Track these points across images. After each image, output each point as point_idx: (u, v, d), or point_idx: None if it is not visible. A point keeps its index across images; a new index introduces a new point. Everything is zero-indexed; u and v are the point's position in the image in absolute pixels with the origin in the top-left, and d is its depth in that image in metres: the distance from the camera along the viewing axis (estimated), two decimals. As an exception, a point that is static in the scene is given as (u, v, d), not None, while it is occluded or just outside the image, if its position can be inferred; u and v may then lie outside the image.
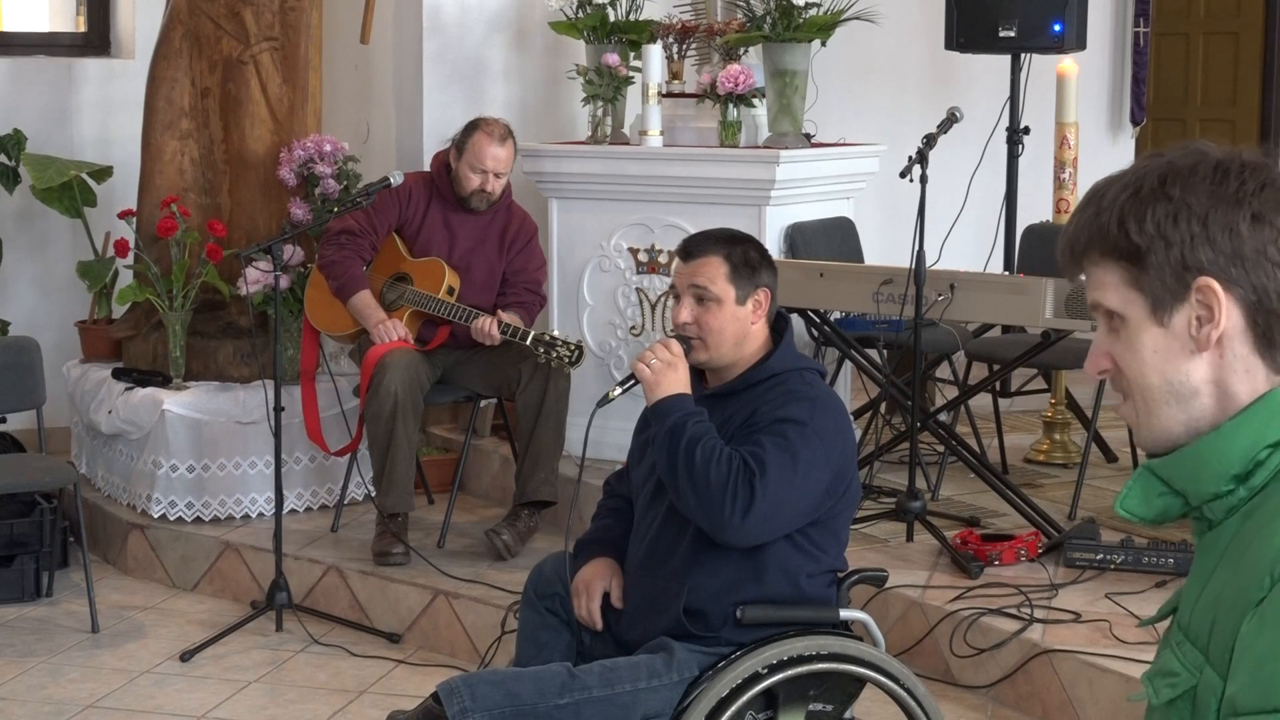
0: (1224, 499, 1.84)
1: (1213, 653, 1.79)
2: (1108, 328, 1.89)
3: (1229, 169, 1.82)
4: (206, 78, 6.75)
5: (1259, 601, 1.72)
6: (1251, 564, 1.75)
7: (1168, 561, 5.25)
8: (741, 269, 3.76)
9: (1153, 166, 1.85)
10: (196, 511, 6.36)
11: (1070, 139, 6.79)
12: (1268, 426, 1.81)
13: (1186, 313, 1.82)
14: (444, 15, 7.16)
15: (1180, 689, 1.83)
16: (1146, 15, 9.23)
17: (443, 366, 6.09)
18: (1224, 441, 1.82)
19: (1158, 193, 1.82)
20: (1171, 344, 1.84)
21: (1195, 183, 1.82)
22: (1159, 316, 1.83)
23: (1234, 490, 1.83)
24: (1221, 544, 1.84)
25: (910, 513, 5.59)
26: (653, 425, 3.67)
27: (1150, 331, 1.84)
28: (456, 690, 3.48)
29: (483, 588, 5.63)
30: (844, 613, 3.71)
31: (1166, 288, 1.82)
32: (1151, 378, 1.85)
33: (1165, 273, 1.82)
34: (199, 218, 6.62)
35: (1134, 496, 1.92)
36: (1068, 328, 5.47)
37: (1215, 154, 1.84)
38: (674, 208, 6.35)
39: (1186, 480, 1.87)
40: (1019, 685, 4.84)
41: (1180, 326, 1.83)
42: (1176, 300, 1.82)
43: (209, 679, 5.33)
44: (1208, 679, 1.79)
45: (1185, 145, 1.87)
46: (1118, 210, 1.84)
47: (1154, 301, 1.83)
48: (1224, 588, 1.80)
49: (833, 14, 6.34)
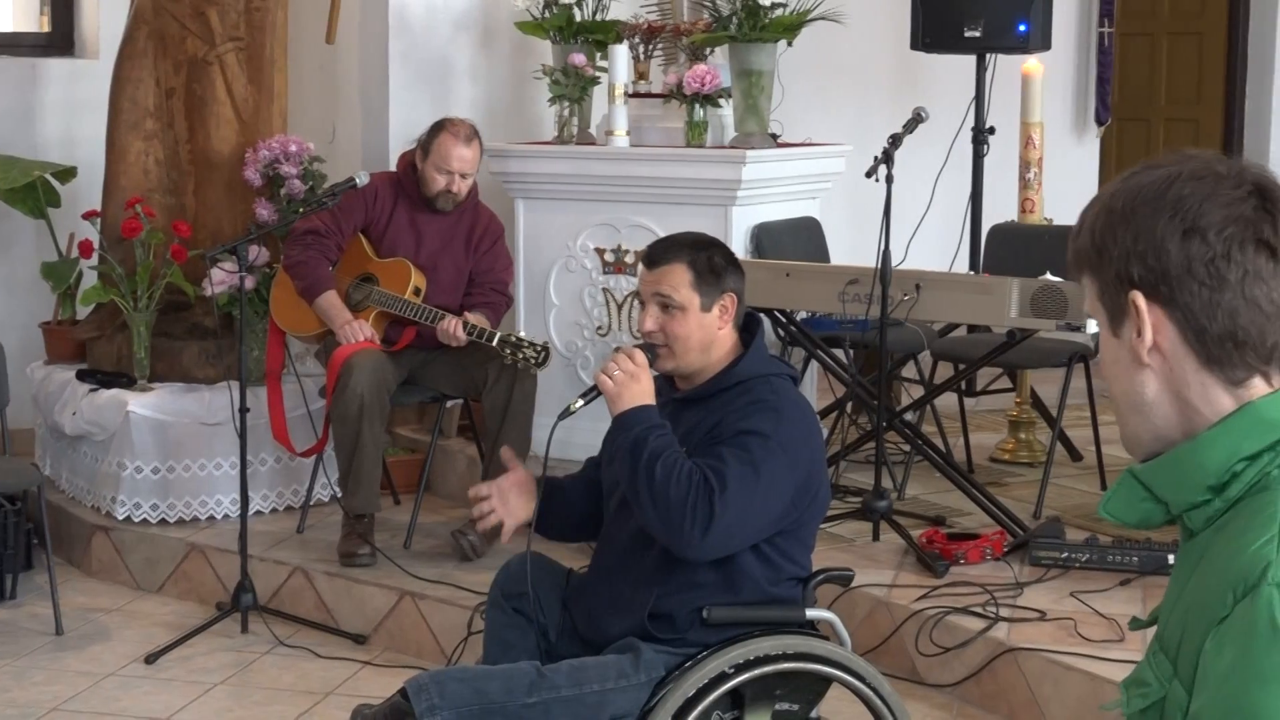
0: (1202, 509, 1.84)
1: (1180, 666, 1.79)
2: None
3: (1174, 181, 1.81)
4: (171, 78, 6.72)
5: (1222, 619, 1.71)
6: (1217, 580, 1.75)
7: (1132, 560, 5.27)
8: (706, 275, 3.74)
9: (1126, 178, 1.86)
10: (161, 513, 6.34)
11: (1035, 139, 6.81)
12: (1245, 439, 1.80)
13: (1130, 326, 1.83)
14: (410, 15, 7.15)
15: (1150, 699, 1.83)
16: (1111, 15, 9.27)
17: (409, 367, 6.08)
18: (1201, 451, 1.82)
19: (1111, 206, 1.84)
20: (1123, 356, 1.85)
21: (1147, 196, 1.82)
22: (1114, 328, 1.85)
23: (1210, 501, 1.83)
24: (1196, 555, 1.84)
25: (876, 512, 5.60)
26: (615, 438, 3.66)
27: (1109, 343, 1.86)
28: (424, 687, 3.47)
29: (449, 588, 5.62)
30: (810, 612, 3.71)
31: (1114, 301, 1.84)
32: (1115, 387, 1.88)
33: (1109, 285, 1.84)
34: (164, 218, 6.60)
35: (1117, 500, 1.92)
36: (1033, 327, 5.49)
37: (1180, 166, 1.83)
38: (640, 208, 6.35)
39: (1166, 487, 1.86)
40: (984, 684, 4.85)
41: (1127, 339, 1.84)
42: (1121, 313, 1.83)
43: (174, 681, 5.32)
44: (1175, 692, 1.79)
45: (1180, 155, 1.86)
46: (1089, 223, 1.86)
47: (1110, 314, 1.85)
48: (1194, 600, 1.80)
49: (798, 14, 6.35)
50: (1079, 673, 4.59)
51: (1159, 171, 1.84)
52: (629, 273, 6.36)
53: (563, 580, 3.91)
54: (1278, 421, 1.80)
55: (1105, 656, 4.59)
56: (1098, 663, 4.57)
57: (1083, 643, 4.73)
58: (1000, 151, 7.36)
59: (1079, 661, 4.62)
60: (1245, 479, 1.80)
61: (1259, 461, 1.80)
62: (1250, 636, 1.68)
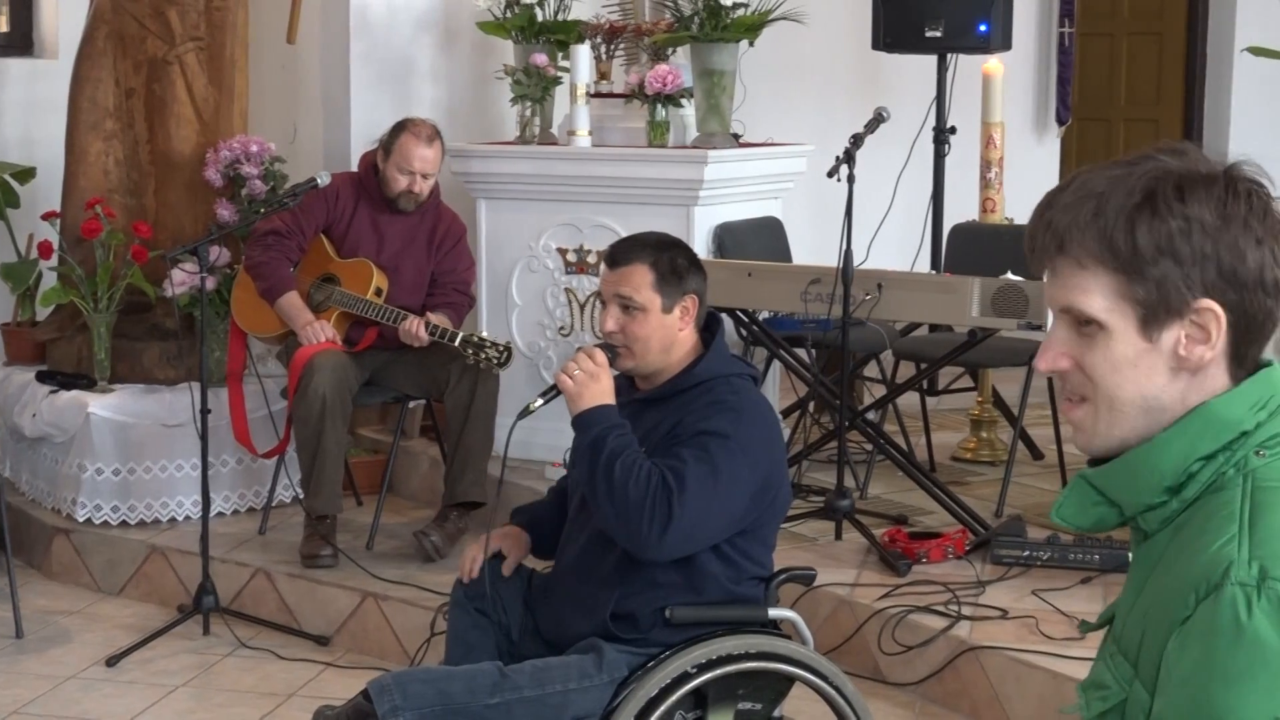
0: (1158, 510, 1.84)
1: (1141, 667, 1.79)
2: (1077, 331, 1.83)
3: (1238, 185, 1.78)
4: (131, 78, 6.69)
5: (1184, 620, 1.71)
6: (1178, 580, 1.75)
7: (1093, 558, 5.29)
8: (668, 276, 3.74)
9: (1160, 173, 1.79)
10: (122, 515, 6.31)
11: (996, 139, 6.83)
12: (1200, 439, 1.80)
13: (1177, 331, 1.78)
14: (371, 15, 7.13)
15: (1111, 702, 1.83)
16: (1071, 16, 9.31)
17: (371, 368, 6.07)
18: (1156, 453, 1.81)
19: (1172, 206, 1.76)
20: (1155, 360, 1.80)
21: (1207, 198, 1.77)
22: (1149, 332, 1.79)
23: (1167, 502, 1.82)
24: (1154, 556, 1.84)
25: (838, 511, 5.61)
26: (575, 438, 3.66)
27: (1135, 345, 1.80)
28: (387, 688, 3.47)
29: (412, 589, 5.61)
30: (772, 611, 3.72)
31: (1164, 304, 1.77)
32: (1127, 390, 1.81)
33: (1168, 289, 1.77)
34: (124, 219, 6.57)
35: (1070, 505, 1.91)
36: (994, 326, 5.50)
37: (1218, 166, 1.80)
38: (602, 208, 6.35)
39: (1120, 490, 1.86)
40: (947, 682, 4.86)
41: (1168, 344, 1.79)
42: (1171, 317, 1.78)
43: (136, 684, 5.29)
44: (1136, 693, 1.79)
45: (1179, 149, 1.82)
46: (1125, 218, 1.77)
47: (1146, 316, 1.78)
48: (1153, 602, 1.80)
49: (760, 14, 6.35)
50: (1041, 671, 4.60)
51: (1194, 166, 1.79)
52: (591, 273, 6.36)
53: (525, 581, 3.91)
54: (1232, 421, 1.80)
55: (1067, 654, 4.61)
56: (1059, 660, 4.59)
57: (1044, 641, 4.75)
58: (961, 151, 7.38)
59: (1041, 659, 4.63)
60: (1201, 479, 1.81)
61: (1214, 462, 1.80)
62: (1214, 636, 1.68)
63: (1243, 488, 1.78)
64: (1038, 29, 9.24)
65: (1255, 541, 1.72)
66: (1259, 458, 1.79)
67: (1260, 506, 1.75)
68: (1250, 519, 1.74)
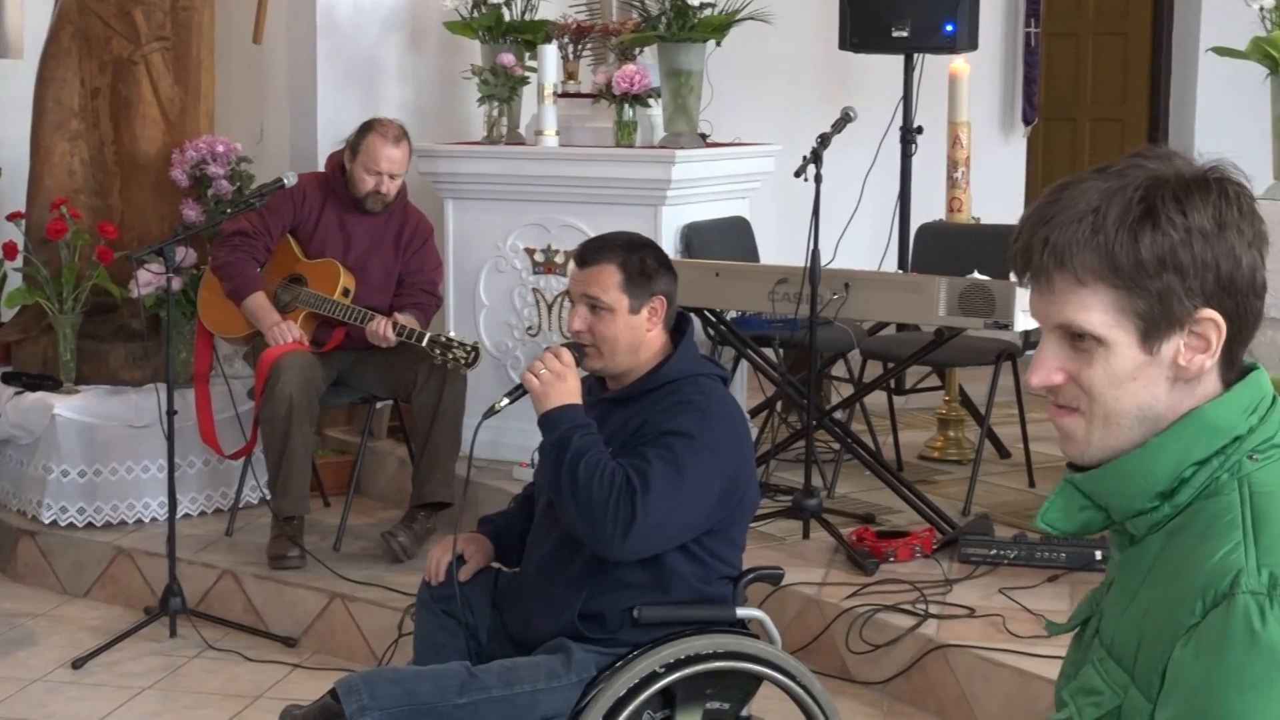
0: (1148, 515, 1.83)
1: (1139, 674, 1.78)
2: (1071, 345, 1.81)
3: (1228, 189, 1.78)
4: (96, 78, 6.67)
5: (1191, 627, 1.71)
6: (1182, 587, 1.74)
7: (1059, 556, 5.31)
8: (637, 277, 3.74)
9: (1154, 182, 1.77)
10: (88, 517, 6.28)
11: (963, 138, 6.85)
12: (1194, 444, 1.80)
13: (1177, 341, 1.78)
14: (338, 15, 7.12)
15: (1105, 708, 1.82)
16: (1037, 15, 9.33)
17: (338, 368, 6.06)
18: (1150, 459, 1.81)
19: (1173, 218, 1.75)
20: (1155, 372, 1.79)
21: (1204, 204, 1.76)
22: (1149, 345, 1.78)
23: (1158, 507, 1.82)
24: (1146, 561, 1.83)
25: (806, 510, 5.62)
26: (541, 437, 3.66)
27: (1135, 358, 1.79)
28: (355, 688, 3.46)
29: (380, 590, 5.60)
30: (740, 611, 3.72)
31: (1166, 316, 1.77)
32: (1124, 403, 1.80)
33: (1170, 301, 1.76)
34: (89, 219, 6.55)
35: (1055, 509, 1.90)
36: (961, 325, 5.52)
37: (1203, 168, 1.79)
38: (570, 208, 6.35)
39: (1110, 495, 1.85)
40: (914, 681, 4.87)
41: (1168, 355, 1.78)
42: (1171, 329, 1.77)
43: (102, 686, 5.27)
44: (1133, 700, 1.78)
45: (1164, 154, 1.81)
46: (1128, 232, 1.75)
47: (1148, 329, 1.77)
48: (1151, 607, 1.79)
49: (727, 14, 6.36)
50: (1008, 669, 4.62)
51: (1182, 171, 1.78)
52: (559, 273, 6.36)
53: (492, 581, 3.91)
54: (1225, 426, 1.80)
55: (1033, 653, 4.62)
56: (1026, 659, 4.60)
57: (1011, 639, 4.76)
58: (928, 151, 7.40)
59: (1008, 658, 4.65)
60: (1195, 485, 1.80)
61: (1208, 466, 1.80)
62: (1226, 644, 1.67)
63: (1240, 493, 1.77)
64: (1004, 29, 9.25)
65: (1262, 549, 1.71)
66: (1252, 462, 1.79)
67: (1262, 513, 1.75)
68: (1254, 526, 1.74)
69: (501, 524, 4.00)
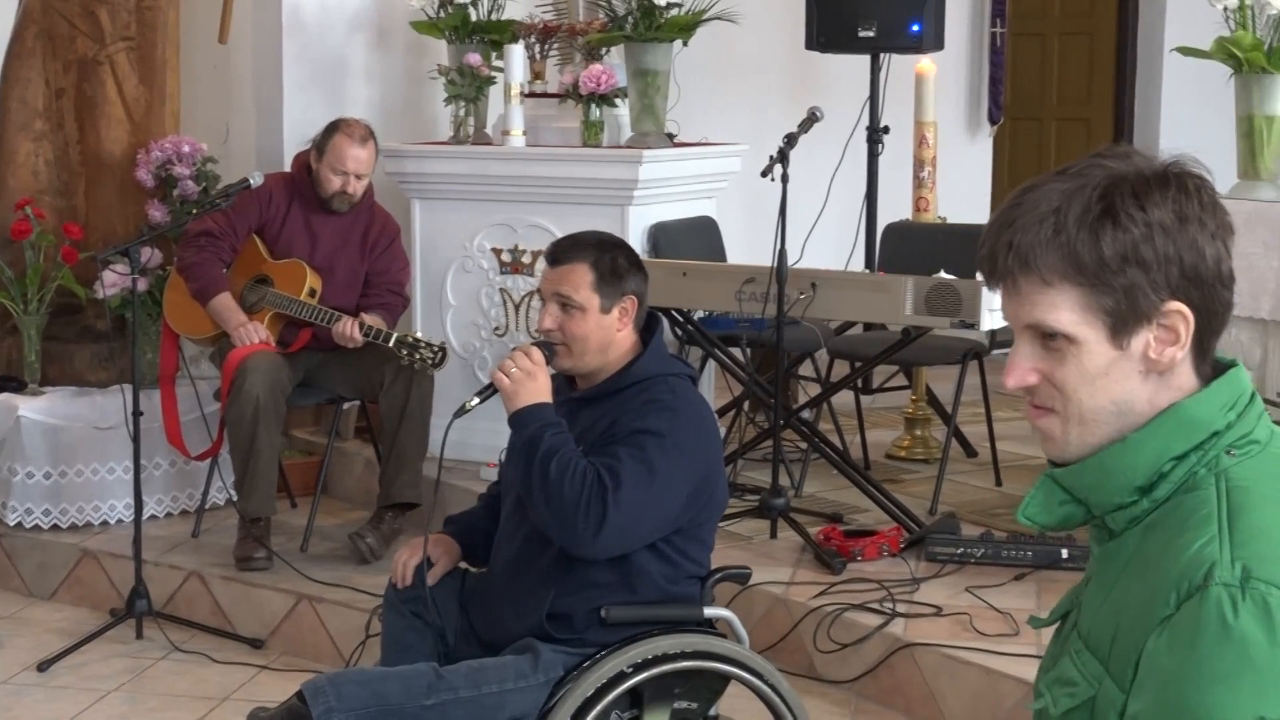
0: (1127, 509, 1.85)
1: (1114, 665, 1.79)
2: (1042, 346, 1.83)
3: (1187, 183, 1.80)
4: (61, 78, 6.64)
5: (1165, 619, 1.72)
6: (1157, 579, 1.76)
7: (1026, 555, 5.32)
8: (608, 277, 3.74)
9: (1112, 180, 1.79)
10: (54, 518, 6.26)
11: (929, 138, 6.87)
12: (1173, 439, 1.81)
13: (1146, 335, 1.79)
14: (304, 14, 7.10)
15: (1079, 699, 1.83)
16: (1003, 16, 9.36)
17: (305, 369, 6.05)
18: (1129, 453, 1.82)
19: (1133, 213, 1.77)
20: (1126, 366, 1.81)
21: (1163, 199, 1.78)
22: (1119, 340, 1.80)
23: (1137, 501, 1.84)
24: (1124, 555, 1.85)
25: (774, 510, 5.62)
26: (511, 436, 3.66)
27: (1106, 354, 1.81)
28: (322, 690, 3.45)
29: (347, 591, 5.59)
30: (708, 610, 3.72)
31: (1133, 311, 1.79)
32: (1100, 399, 1.82)
33: (1136, 296, 1.78)
34: (54, 220, 6.52)
35: (1035, 504, 1.92)
36: (927, 325, 5.53)
37: (1162, 165, 1.81)
38: (537, 208, 6.35)
39: (1090, 490, 1.86)
40: (882, 679, 4.88)
41: (1138, 349, 1.80)
42: (1140, 323, 1.79)
43: (68, 689, 5.25)
44: (1107, 691, 1.80)
45: (1122, 152, 1.83)
46: (1088, 231, 1.77)
47: (1116, 325, 1.79)
48: (1127, 600, 1.80)
49: (694, 14, 6.36)
50: (975, 667, 4.62)
51: (1140, 167, 1.80)
52: (526, 273, 6.36)
53: (459, 581, 3.90)
54: (1204, 421, 1.82)
55: (1000, 651, 4.63)
56: (993, 657, 4.61)
57: (978, 637, 4.77)
58: (894, 151, 7.42)
59: (974, 656, 4.65)
60: (1173, 479, 1.82)
61: (1187, 461, 1.82)
62: (1199, 636, 1.69)
63: (1217, 488, 1.79)
64: (970, 29, 9.28)
65: (1236, 542, 1.73)
66: (1230, 457, 1.81)
67: (1238, 507, 1.76)
68: (1229, 519, 1.75)
69: (467, 523, 4.00)
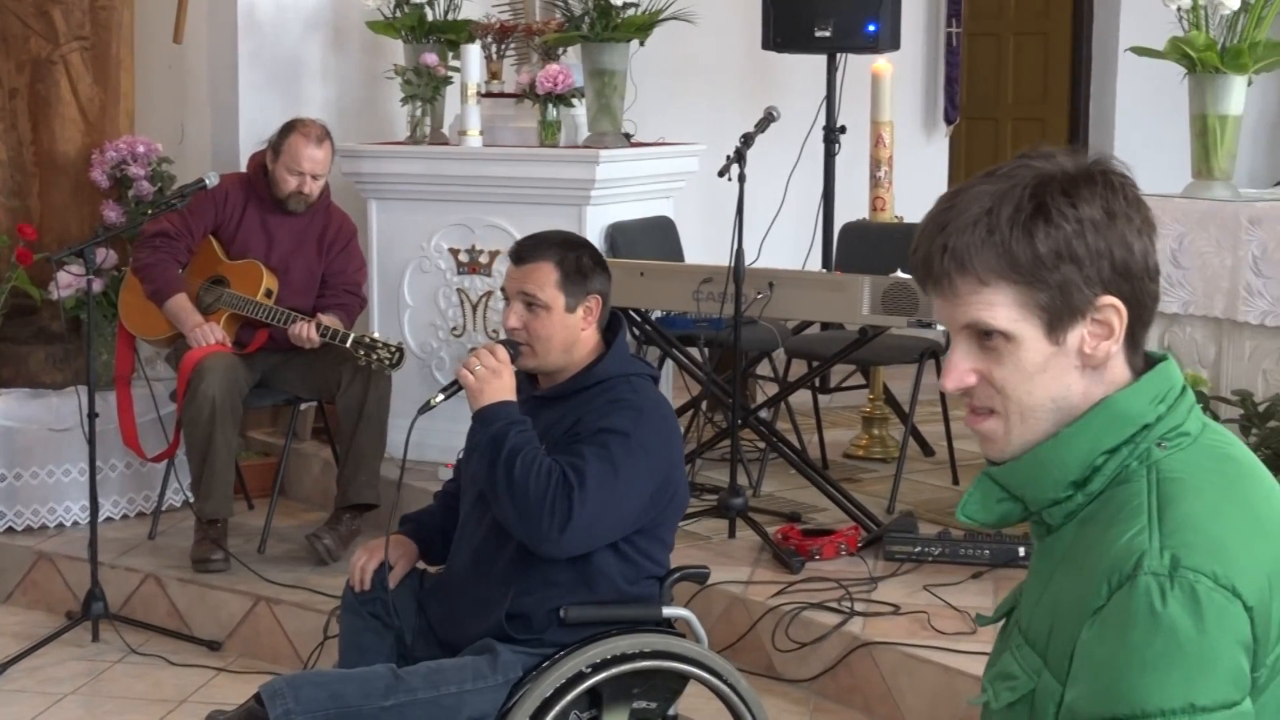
0: (1062, 504, 1.87)
1: (1051, 657, 1.82)
2: (979, 345, 1.85)
3: (1112, 180, 1.83)
4: (14, 78, 6.60)
5: (1097, 609, 1.74)
6: (1090, 571, 1.78)
7: (983, 553, 5.34)
8: (573, 276, 3.74)
9: (1042, 179, 1.82)
10: (9, 521, 6.22)
11: (886, 138, 6.88)
12: (1104, 433, 1.84)
13: (1080, 330, 1.82)
14: (259, 14, 7.07)
15: (1020, 692, 1.86)
16: (959, 16, 9.40)
17: (262, 370, 6.03)
18: (1062, 448, 1.84)
19: (1064, 210, 1.80)
20: (1063, 361, 1.83)
21: (1091, 196, 1.81)
22: (1055, 336, 1.82)
23: (1072, 496, 1.86)
24: (1060, 549, 1.87)
25: (732, 509, 5.63)
26: (475, 433, 3.65)
27: (1043, 351, 1.83)
28: (280, 692, 3.44)
29: (304, 593, 5.57)
30: (667, 610, 3.73)
31: (1068, 306, 1.81)
32: (1038, 396, 1.84)
33: (1070, 291, 1.80)
34: (8, 221, 6.48)
35: (974, 502, 1.94)
36: (884, 324, 5.54)
37: (1086, 163, 1.84)
38: (494, 208, 6.34)
39: (1025, 486, 1.89)
40: (840, 678, 4.89)
41: (1073, 344, 1.83)
42: (1074, 318, 1.82)
43: (23, 692, 5.22)
44: (1046, 683, 1.82)
45: (1047, 153, 1.86)
46: (1021, 229, 1.80)
47: (1052, 320, 1.82)
48: (1062, 593, 1.83)
49: (650, 14, 6.37)
50: (933, 665, 4.64)
51: (1066, 167, 1.83)
52: (483, 273, 6.35)
53: (417, 581, 3.90)
54: (1134, 415, 1.84)
55: (958, 649, 4.65)
56: (951, 655, 4.63)
57: (936, 635, 4.79)
58: (851, 150, 7.43)
59: (933, 654, 4.67)
60: (1106, 473, 1.84)
61: (1118, 455, 1.84)
62: (1129, 624, 1.71)
63: (1148, 480, 1.81)
64: (926, 29, 9.31)
65: (1165, 532, 1.75)
66: (1161, 450, 1.83)
67: (1167, 498, 1.79)
68: (1159, 510, 1.78)
69: (423, 522, 3.99)
